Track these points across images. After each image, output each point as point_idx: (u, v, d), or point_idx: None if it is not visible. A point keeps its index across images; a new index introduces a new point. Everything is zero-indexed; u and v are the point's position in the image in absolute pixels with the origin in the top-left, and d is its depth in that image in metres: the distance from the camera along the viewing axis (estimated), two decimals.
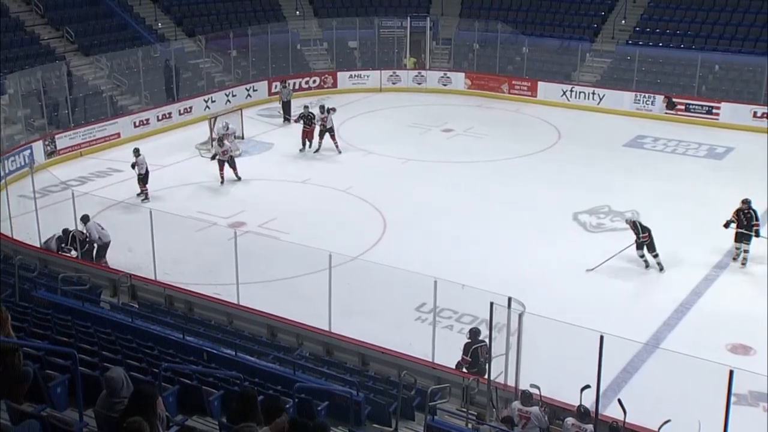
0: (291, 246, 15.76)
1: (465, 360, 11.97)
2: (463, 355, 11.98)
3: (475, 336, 12.00)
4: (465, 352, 11.98)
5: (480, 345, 11.84)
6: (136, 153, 20.16)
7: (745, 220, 16.08)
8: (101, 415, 5.94)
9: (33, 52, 26.35)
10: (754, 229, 16.09)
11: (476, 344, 11.90)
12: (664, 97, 27.82)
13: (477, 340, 11.94)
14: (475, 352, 11.88)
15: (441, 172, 22.38)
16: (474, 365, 11.90)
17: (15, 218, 17.02)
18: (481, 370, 11.73)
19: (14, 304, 10.71)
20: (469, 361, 11.94)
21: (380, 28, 32.94)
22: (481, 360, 11.78)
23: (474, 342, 11.96)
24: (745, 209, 16.14)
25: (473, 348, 11.90)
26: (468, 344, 12.01)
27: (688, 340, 13.37)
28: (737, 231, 16.14)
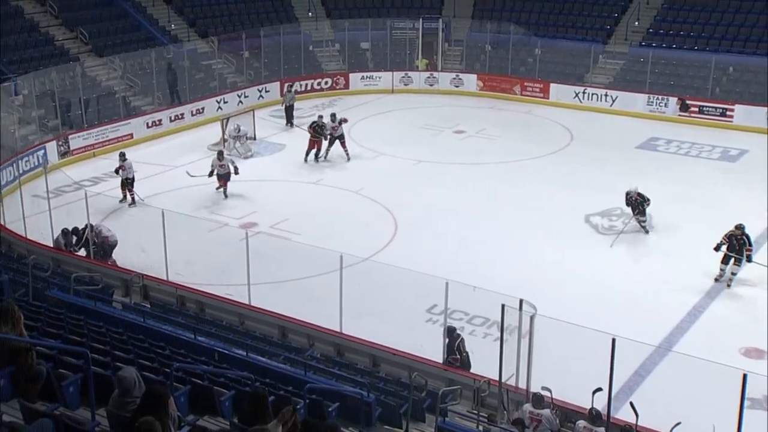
0: (302, 247, 15.78)
1: (455, 358, 12.21)
2: (451, 354, 12.24)
3: (452, 333, 12.34)
4: (450, 351, 12.25)
5: (459, 340, 12.26)
6: (123, 157, 19.98)
7: (737, 245, 15.62)
8: (113, 415, 5.96)
9: (47, 53, 26.53)
10: (746, 254, 15.66)
11: (456, 340, 12.25)
12: (677, 99, 27.69)
13: (455, 336, 12.31)
14: (458, 348, 12.22)
15: (453, 173, 22.36)
16: (460, 360, 12.23)
17: (28, 218, 17.12)
18: (465, 364, 12.17)
19: (28, 303, 10.78)
20: (458, 358, 12.20)
21: (392, 30, 32.95)
22: (464, 353, 12.20)
23: (453, 339, 12.28)
24: (738, 235, 15.66)
25: (456, 344, 12.22)
26: (450, 343, 12.28)
27: (701, 343, 13.30)
28: (726, 254, 15.75)
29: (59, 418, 5.64)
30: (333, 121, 23.29)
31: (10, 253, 15.85)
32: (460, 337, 12.34)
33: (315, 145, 23.19)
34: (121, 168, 19.75)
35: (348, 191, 20.99)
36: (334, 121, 23.27)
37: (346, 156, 23.34)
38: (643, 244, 17.79)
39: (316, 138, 23.14)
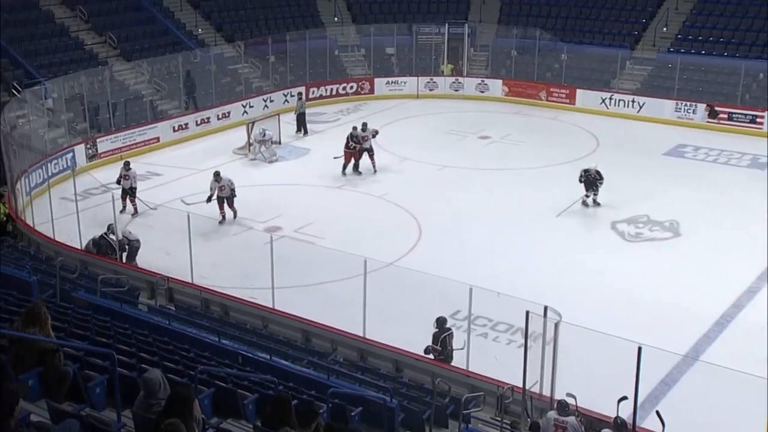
0: (326, 251, 15.81)
1: (435, 348, 12.34)
2: (433, 343, 12.34)
3: (442, 325, 12.40)
4: (434, 341, 12.34)
5: (447, 333, 12.33)
6: (127, 166, 19.51)
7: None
8: (139, 416, 6.00)
9: (77, 57, 26.89)
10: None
11: (444, 333, 12.32)
12: (706, 106, 27.38)
13: (444, 328, 12.37)
14: (443, 341, 12.30)
15: (477, 179, 22.29)
16: (443, 353, 12.34)
17: (57, 220, 17.33)
18: (447, 357, 12.33)
19: (55, 304, 10.90)
20: (438, 350, 12.31)
21: (418, 35, 32.96)
22: (449, 348, 12.31)
23: (442, 331, 12.34)
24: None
25: (442, 337, 12.29)
26: (437, 333, 12.36)
27: (729, 352, 13.10)
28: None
29: (86, 419, 5.69)
30: (364, 130, 22.67)
31: (38, 255, 16.04)
32: (449, 330, 12.44)
33: (351, 158, 22.40)
34: (124, 177, 19.27)
35: (372, 196, 21.00)
36: (364, 130, 22.65)
37: (373, 168, 22.63)
38: (671, 251, 17.59)
39: (349, 149, 22.32)
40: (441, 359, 12.36)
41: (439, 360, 12.35)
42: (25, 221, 18.09)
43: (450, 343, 12.37)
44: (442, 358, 12.40)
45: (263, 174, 22.88)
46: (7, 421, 4.73)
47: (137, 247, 16.32)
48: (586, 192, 19.68)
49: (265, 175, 22.73)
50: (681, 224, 18.81)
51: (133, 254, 16.30)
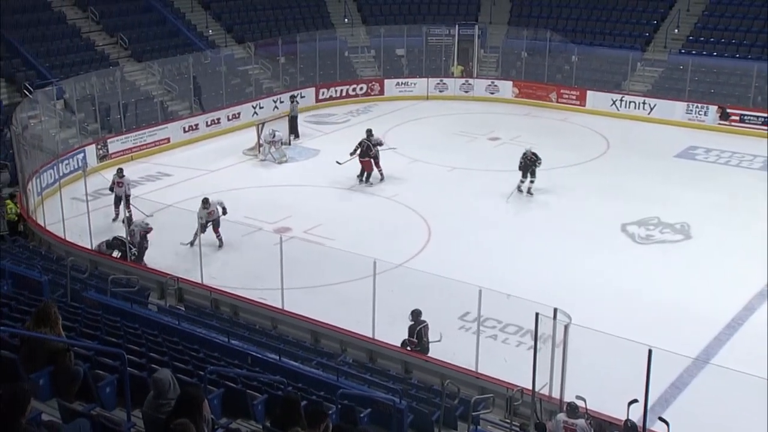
0: (336, 252, 15.81)
1: (411, 341, 12.60)
2: (409, 336, 12.61)
3: (417, 317, 12.59)
4: (410, 334, 12.59)
5: (422, 325, 12.57)
6: (120, 174, 18.78)
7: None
8: (148, 416, 6.01)
9: (88, 58, 27.02)
10: None
11: (419, 325, 12.55)
12: (717, 108, 27.26)
13: (419, 321, 12.58)
14: (419, 333, 12.55)
15: (487, 180, 22.24)
16: (419, 345, 12.60)
17: (68, 220, 17.42)
18: (423, 349, 12.60)
19: (66, 304, 10.95)
20: (415, 342, 12.58)
21: (428, 36, 32.95)
22: (425, 339, 12.56)
23: (417, 323, 12.56)
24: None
25: (417, 329, 12.54)
26: (412, 326, 12.59)
27: (740, 355, 13.01)
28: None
29: (96, 418, 5.71)
30: (368, 138, 21.96)
31: (49, 255, 16.12)
32: (424, 323, 12.62)
33: (368, 167, 21.70)
34: (117, 184, 18.55)
35: (382, 197, 21.00)
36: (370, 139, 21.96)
37: (380, 176, 22.05)
38: (681, 253, 17.52)
39: (369, 157, 21.63)
40: (417, 351, 12.64)
41: (415, 351, 12.65)
42: (36, 221, 18.18)
43: (426, 335, 12.62)
44: (418, 349, 12.65)
45: (273, 175, 22.92)
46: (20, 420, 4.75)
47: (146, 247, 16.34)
48: (522, 178, 20.50)
49: (275, 176, 22.76)
50: (692, 226, 18.72)
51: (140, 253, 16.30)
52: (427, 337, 12.66)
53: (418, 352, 12.68)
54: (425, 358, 12.58)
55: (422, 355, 12.63)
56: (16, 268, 11.82)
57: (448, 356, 12.53)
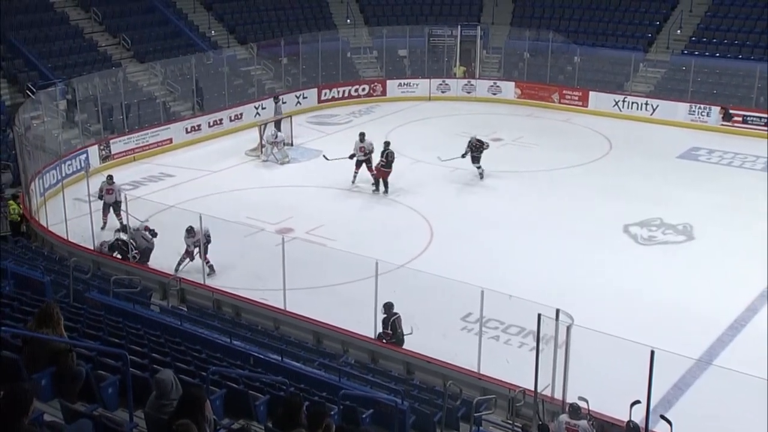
0: (338, 253, 15.81)
1: (386, 333, 12.89)
2: (384, 329, 12.90)
3: (389, 309, 12.86)
4: (384, 326, 12.89)
5: (395, 317, 12.84)
6: (110, 180, 18.25)
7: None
8: (151, 417, 6.02)
9: (91, 59, 27.06)
10: None
11: (392, 317, 12.82)
12: (720, 109, 27.22)
13: (392, 313, 12.84)
14: (393, 325, 12.83)
15: (490, 181, 22.23)
16: (393, 336, 12.90)
17: (70, 221, 17.44)
18: (399, 341, 12.91)
19: (68, 305, 10.96)
20: (390, 334, 12.87)
21: (430, 37, 32.97)
22: (399, 331, 12.85)
23: (390, 315, 12.83)
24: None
25: (391, 321, 12.82)
26: (385, 318, 12.86)
27: (743, 357, 13.00)
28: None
29: (98, 419, 5.71)
30: (361, 141, 21.45)
31: (52, 255, 16.14)
32: (397, 315, 12.85)
33: (384, 175, 20.99)
34: (107, 192, 18.05)
35: (384, 198, 20.99)
36: (362, 142, 21.43)
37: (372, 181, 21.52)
38: (684, 254, 17.50)
39: (386, 168, 20.86)
40: (393, 342, 12.91)
41: (391, 343, 12.91)
42: (38, 222, 18.20)
43: (399, 326, 12.89)
44: (393, 341, 12.92)
45: (275, 175, 22.93)
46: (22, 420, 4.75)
47: (150, 249, 16.36)
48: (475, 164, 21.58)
49: (277, 177, 22.77)
50: (694, 228, 18.70)
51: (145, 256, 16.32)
52: (401, 328, 12.93)
53: (393, 344, 12.93)
54: (427, 358, 12.58)
55: (398, 346, 12.94)
56: (18, 269, 11.82)
57: (450, 357, 12.54)
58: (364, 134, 21.81)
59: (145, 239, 16.27)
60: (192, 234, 15.98)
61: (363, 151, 21.52)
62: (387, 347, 13.01)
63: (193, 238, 16.00)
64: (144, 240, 16.26)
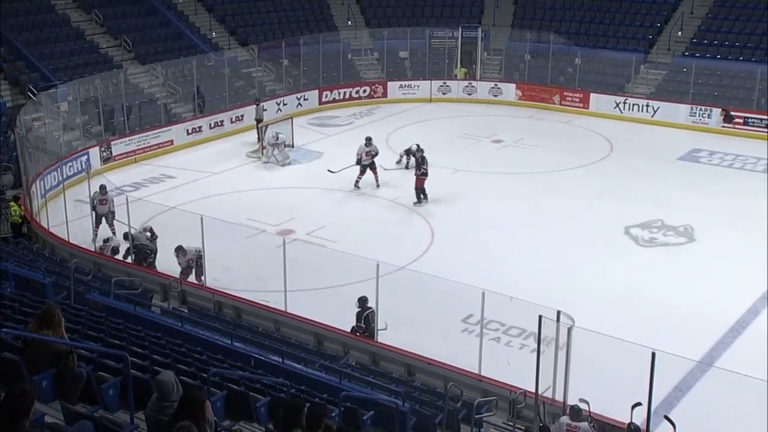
0: (338, 255, 15.81)
1: (360, 326, 13.13)
2: (357, 322, 13.14)
3: (364, 303, 13.11)
4: (358, 319, 13.14)
5: (369, 311, 13.07)
6: (103, 190, 17.58)
7: None
8: (152, 418, 6.02)
9: (92, 61, 27.07)
10: None
11: (366, 311, 13.06)
12: (721, 110, 27.22)
13: (366, 307, 13.10)
14: (366, 318, 13.06)
15: (490, 183, 22.24)
16: (367, 330, 13.13)
17: (71, 222, 17.45)
18: (371, 334, 13.15)
19: (69, 306, 10.96)
20: (363, 327, 13.11)
21: (431, 38, 32.97)
22: (372, 325, 13.08)
23: (364, 309, 13.09)
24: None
25: (364, 314, 13.06)
26: (359, 312, 13.13)
27: (744, 358, 12.98)
28: None
29: (99, 421, 5.71)
30: (367, 145, 21.50)
31: (53, 257, 16.14)
32: (370, 309, 13.07)
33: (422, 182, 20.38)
34: (100, 202, 17.44)
35: (385, 199, 21.00)
36: (368, 146, 21.48)
37: (376, 183, 21.73)
38: (685, 256, 17.49)
39: (423, 176, 20.35)
40: (366, 336, 13.14)
41: (364, 337, 13.13)
42: (39, 223, 18.21)
43: (373, 321, 13.10)
44: (367, 334, 13.16)
45: (276, 177, 22.94)
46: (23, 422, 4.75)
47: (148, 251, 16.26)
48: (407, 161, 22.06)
49: (278, 178, 22.78)
50: (695, 229, 18.70)
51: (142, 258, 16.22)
52: (374, 322, 13.15)
53: (366, 338, 13.16)
54: (428, 360, 12.57)
55: (371, 339, 13.18)
56: (19, 270, 11.82)
57: (451, 359, 12.53)
58: (370, 138, 21.79)
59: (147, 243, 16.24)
60: (183, 253, 15.42)
61: (370, 155, 21.53)
62: (389, 349, 12.99)
63: (184, 257, 15.46)
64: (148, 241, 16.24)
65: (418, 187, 20.35)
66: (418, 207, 20.20)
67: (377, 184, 21.69)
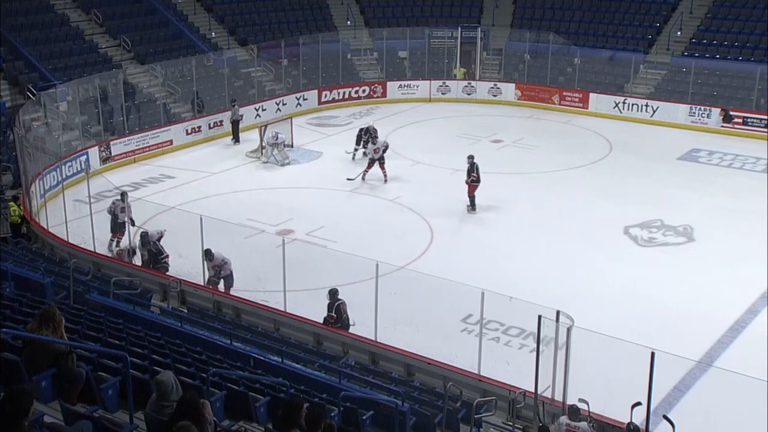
0: (338, 254, 15.81)
1: (331, 316, 13.37)
2: (329, 312, 13.38)
3: (334, 295, 13.39)
4: (329, 309, 13.40)
5: (339, 302, 13.33)
6: (124, 197, 17.18)
7: None
8: (151, 418, 6.02)
9: (91, 60, 27.06)
10: None
11: (336, 302, 13.34)
12: (720, 110, 27.24)
13: (336, 298, 13.37)
14: (338, 309, 13.32)
15: (490, 183, 22.18)
16: (338, 320, 13.35)
17: (70, 222, 17.45)
18: (344, 325, 13.39)
19: (69, 306, 10.96)
20: (334, 317, 13.34)
21: (430, 38, 32.98)
22: (344, 316, 13.34)
23: (334, 300, 13.36)
24: None
25: (335, 305, 13.31)
26: (330, 303, 13.39)
27: (743, 358, 12.99)
28: None
29: (98, 420, 5.71)
30: (374, 143, 22.39)
31: (52, 257, 16.13)
32: (341, 300, 13.34)
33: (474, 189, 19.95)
34: (121, 210, 16.97)
35: (384, 199, 21.00)
36: (375, 144, 22.33)
37: (384, 178, 22.15)
38: (684, 256, 17.49)
39: (475, 182, 19.89)
40: (338, 327, 13.33)
41: (336, 327, 13.32)
42: (39, 223, 18.20)
43: (344, 311, 13.36)
44: (339, 325, 13.35)
45: (276, 177, 22.94)
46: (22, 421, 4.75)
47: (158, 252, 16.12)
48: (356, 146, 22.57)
49: (278, 178, 22.79)
50: (695, 229, 18.70)
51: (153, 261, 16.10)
52: (346, 313, 13.37)
53: (338, 328, 13.33)
54: (428, 360, 12.57)
55: (343, 331, 13.36)
56: (19, 270, 11.82)
57: (450, 359, 12.53)
58: (376, 130, 22.83)
59: None
60: (210, 258, 14.97)
61: (378, 151, 21.98)
62: (388, 349, 12.99)
63: (211, 262, 15.02)
64: None
65: (471, 194, 19.92)
66: (472, 214, 19.73)
67: (385, 180, 22.04)
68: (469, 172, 19.97)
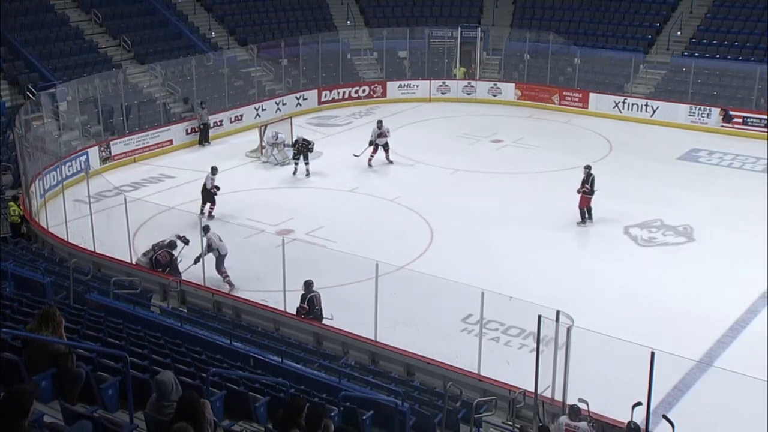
0: (338, 254, 15.81)
1: (303, 307, 13.53)
2: (301, 303, 13.53)
3: (309, 287, 13.53)
4: (302, 300, 13.56)
5: (313, 294, 13.50)
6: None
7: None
8: (151, 418, 6.01)
9: (91, 60, 27.06)
10: None
11: (310, 293, 13.49)
12: (720, 110, 27.24)
13: (310, 290, 13.52)
14: (311, 300, 13.46)
15: (490, 183, 22.24)
16: (311, 312, 13.50)
17: (70, 222, 17.45)
18: (316, 316, 13.56)
19: (68, 306, 10.96)
20: (306, 309, 13.49)
21: (430, 38, 32.98)
22: (316, 308, 13.50)
23: (308, 292, 13.50)
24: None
25: (308, 297, 13.46)
26: (304, 295, 13.53)
27: (743, 358, 12.99)
28: None
29: (98, 420, 5.71)
30: (379, 128, 23.14)
31: (52, 257, 16.14)
32: (315, 293, 13.52)
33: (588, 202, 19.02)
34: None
35: (384, 199, 20.99)
36: (380, 128, 23.14)
37: (388, 161, 23.41)
38: (684, 256, 17.49)
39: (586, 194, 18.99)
40: (311, 318, 13.48)
41: (309, 318, 13.48)
42: (39, 223, 18.20)
43: (318, 304, 13.51)
44: (311, 317, 13.49)
45: (276, 177, 22.93)
46: (22, 421, 4.75)
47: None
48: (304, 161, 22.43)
49: (278, 178, 22.78)
50: (695, 229, 18.70)
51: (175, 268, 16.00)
52: (319, 305, 13.53)
53: (311, 319, 13.48)
54: (427, 360, 12.57)
55: (318, 322, 13.55)
56: (19, 270, 11.83)
57: (450, 358, 12.53)
58: (381, 121, 23.50)
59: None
60: None
61: (383, 137, 23.01)
62: (388, 349, 12.99)
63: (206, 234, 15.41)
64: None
65: (583, 206, 19.07)
66: (582, 226, 18.95)
67: (389, 161, 23.25)
68: (583, 183, 19.04)
